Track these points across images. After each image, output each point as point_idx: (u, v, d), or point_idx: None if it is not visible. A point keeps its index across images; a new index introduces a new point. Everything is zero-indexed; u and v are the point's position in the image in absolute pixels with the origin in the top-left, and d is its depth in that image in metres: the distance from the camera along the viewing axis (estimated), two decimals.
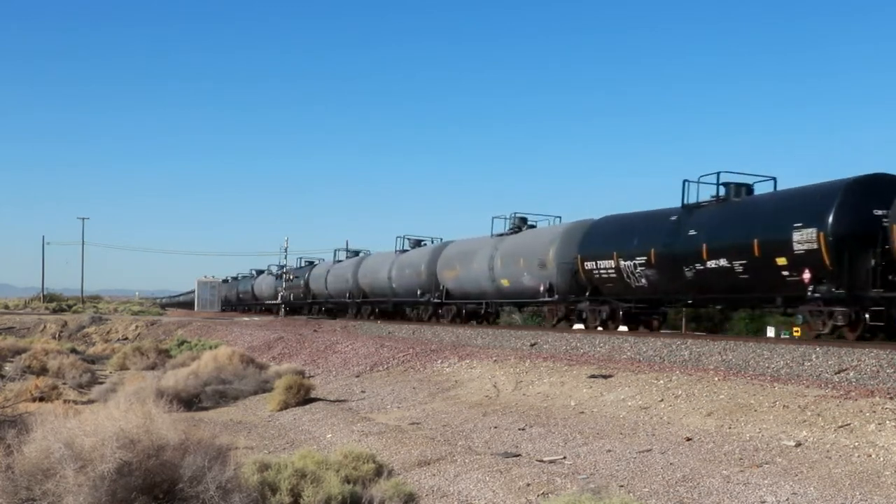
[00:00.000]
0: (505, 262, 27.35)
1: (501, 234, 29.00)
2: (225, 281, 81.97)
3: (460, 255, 30.95)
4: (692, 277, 19.48)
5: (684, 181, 20.54)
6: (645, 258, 20.84)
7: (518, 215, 29.24)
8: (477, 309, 30.92)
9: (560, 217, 28.54)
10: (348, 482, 7.42)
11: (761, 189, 20.23)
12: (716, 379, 11.79)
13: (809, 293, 16.58)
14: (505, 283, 27.37)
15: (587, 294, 23.40)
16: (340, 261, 46.46)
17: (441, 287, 32.00)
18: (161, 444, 6.42)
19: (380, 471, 8.20)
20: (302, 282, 49.96)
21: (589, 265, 22.91)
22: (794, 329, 23.69)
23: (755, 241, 17.62)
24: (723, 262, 18.46)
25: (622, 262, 21.61)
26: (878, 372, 11.75)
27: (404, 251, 37.32)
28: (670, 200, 24.64)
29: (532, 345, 19.43)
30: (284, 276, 53.16)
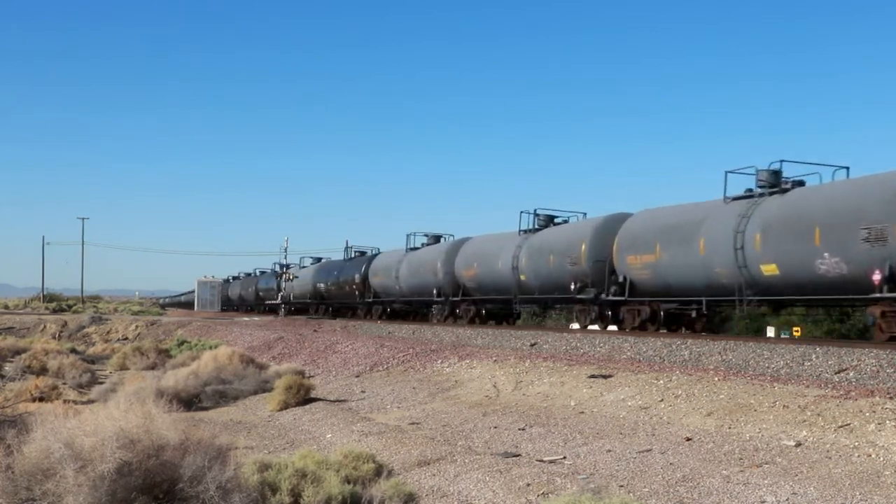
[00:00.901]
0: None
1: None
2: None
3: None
4: None
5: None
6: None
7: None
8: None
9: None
10: (348, 482, 7.42)
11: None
12: (716, 379, 11.79)
13: None
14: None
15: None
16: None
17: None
18: (161, 444, 6.42)
19: (380, 471, 8.20)
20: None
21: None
22: (794, 329, 23.70)
23: None
24: None
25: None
26: (878, 372, 11.75)
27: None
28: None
29: (532, 345, 19.43)
30: (286, 275, 53.11)
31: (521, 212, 27.08)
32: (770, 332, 25.67)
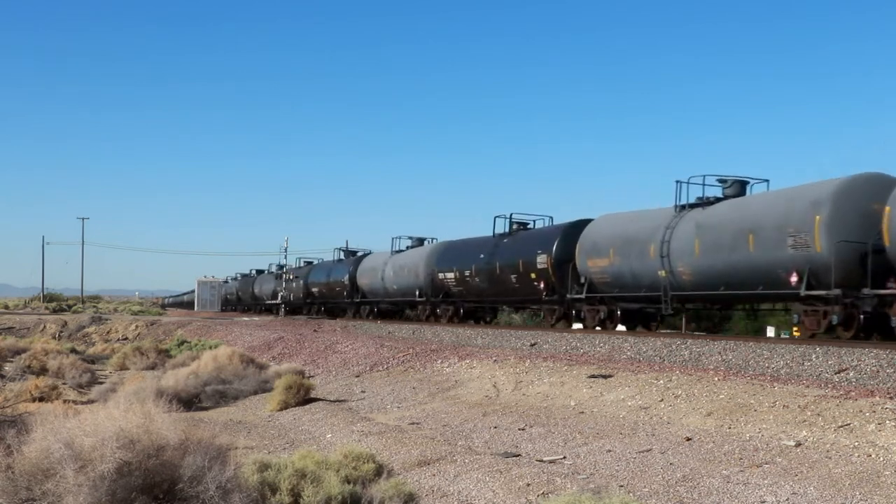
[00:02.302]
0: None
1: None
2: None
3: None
4: None
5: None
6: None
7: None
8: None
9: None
10: (348, 482, 7.41)
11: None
12: (716, 379, 11.79)
13: None
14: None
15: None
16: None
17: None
18: (161, 444, 6.42)
19: (380, 471, 8.20)
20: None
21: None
22: (794, 329, 23.70)
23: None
24: None
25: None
26: (878, 372, 11.75)
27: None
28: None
29: (532, 345, 19.44)
30: (285, 275, 53.10)
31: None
32: (770, 331, 25.66)
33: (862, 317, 16.27)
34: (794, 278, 17.17)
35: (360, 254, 45.49)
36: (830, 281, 16.13)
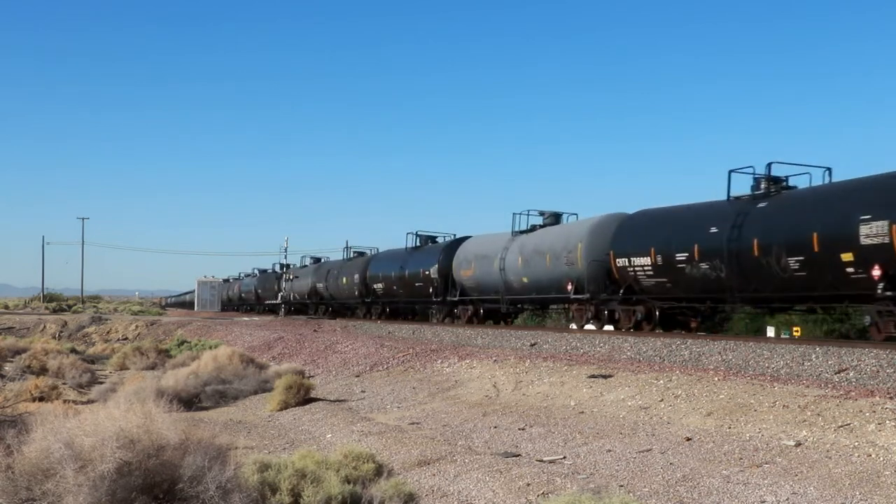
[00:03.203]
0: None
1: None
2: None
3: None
4: None
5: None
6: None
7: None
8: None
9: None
10: (348, 482, 7.41)
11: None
12: (716, 379, 11.79)
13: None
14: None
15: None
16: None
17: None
18: (161, 443, 6.42)
19: (380, 471, 8.20)
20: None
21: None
22: (794, 329, 23.69)
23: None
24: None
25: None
26: (878, 372, 11.75)
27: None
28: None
29: (532, 345, 19.44)
30: (285, 275, 53.05)
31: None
32: (770, 331, 25.65)
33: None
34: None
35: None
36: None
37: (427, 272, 32.58)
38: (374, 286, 38.01)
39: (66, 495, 6.03)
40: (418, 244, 35.45)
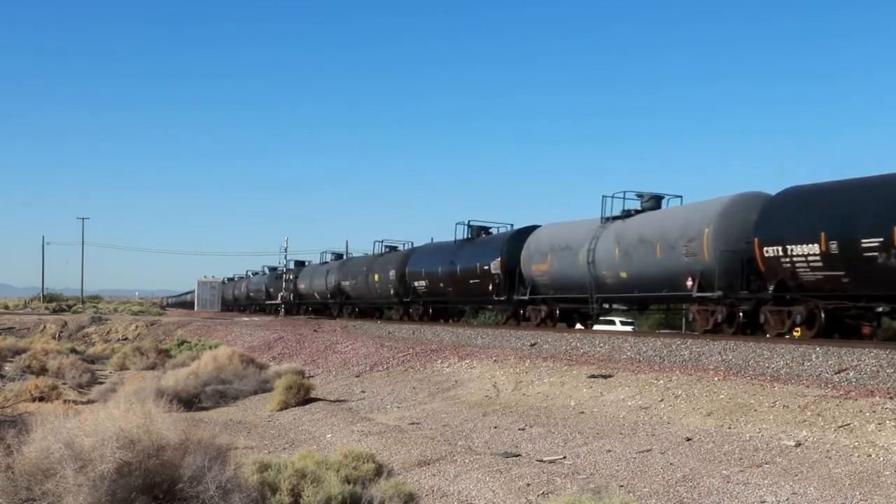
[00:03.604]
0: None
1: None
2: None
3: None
4: None
5: None
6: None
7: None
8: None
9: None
10: (348, 482, 7.41)
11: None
12: (716, 379, 11.79)
13: None
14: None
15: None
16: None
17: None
18: (161, 444, 6.42)
19: (380, 471, 8.20)
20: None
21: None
22: (794, 329, 23.66)
23: None
24: None
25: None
26: (878, 372, 11.75)
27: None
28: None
29: (532, 345, 19.44)
30: (285, 275, 53.01)
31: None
32: None
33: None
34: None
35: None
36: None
37: (486, 267, 27.96)
38: (415, 284, 33.36)
39: (66, 495, 6.03)
40: (470, 235, 30.81)
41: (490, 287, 27.88)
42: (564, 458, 9.35)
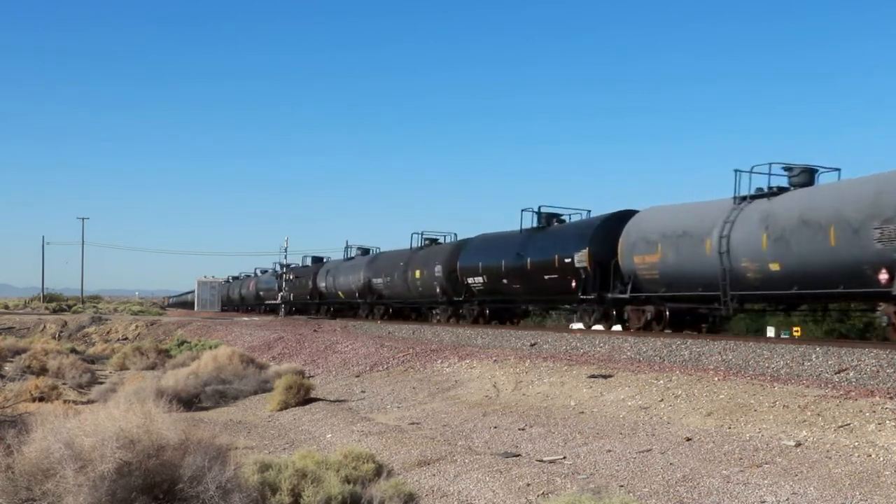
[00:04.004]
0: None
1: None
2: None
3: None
4: None
5: None
6: None
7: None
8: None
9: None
10: (348, 482, 7.41)
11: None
12: (716, 379, 11.79)
13: None
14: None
15: None
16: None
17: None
18: (161, 444, 6.42)
19: (380, 471, 8.20)
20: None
21: None
22: (794, 329, 23.66)
23: None
24: None
25: None
26: (878, 372, 11.75)
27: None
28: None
29: (532, 345, 19.43)
30: (285, 275, 52.91)
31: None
32: (770, 332, 25.62)
33: None
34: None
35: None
36: None
37: (567, 260, 23.31)
38: (469, 281, 28.94)
39: (66, 495, 6.03)
40: (540, 223, 26.51)
41: (573, 283, 23.02)
42: (564, 458, 9.35)
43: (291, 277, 51.91)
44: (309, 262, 52.67)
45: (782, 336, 22.62)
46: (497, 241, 28.44)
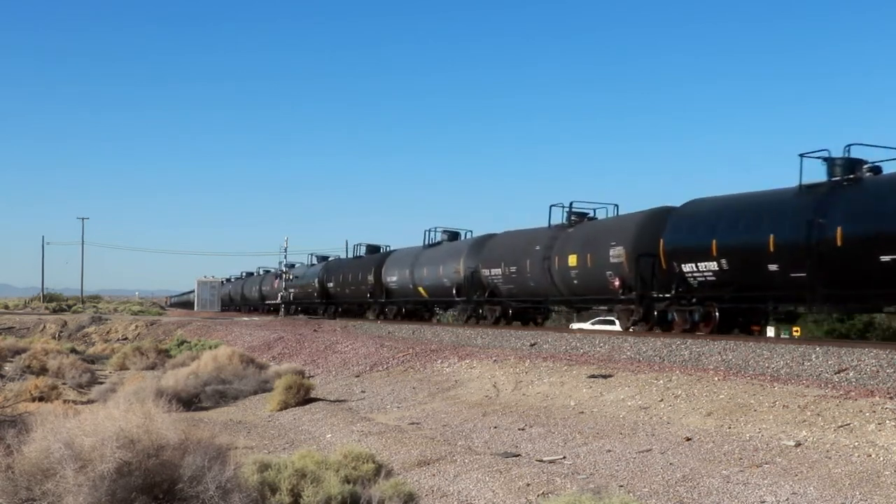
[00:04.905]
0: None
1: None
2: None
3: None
4: None
5: None
6: None
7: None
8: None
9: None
10: (348, 482, 7.41)
11: None
12: (716, 379, 11.79)
13: None
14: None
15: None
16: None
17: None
18: (161, 443, 6.42)
19: (379, 471, 8.20)
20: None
21: None
22: (794, 329, 23.68)
23: None
24: None
25: None
26: (878, 372, 11.75)
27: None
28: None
29: (532, 345, 19.43)
30: (284, 275, 52.87)
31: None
32: (770, 331, 25.61)
33: None
34: None
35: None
36: None
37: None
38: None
39: (66, 495, 6.03)
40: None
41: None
42: (564, 458, 9.34)
43: (291, 277, 51.56)
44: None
45: (782, 336, 22.63)
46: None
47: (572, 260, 23.16)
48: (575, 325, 26.29)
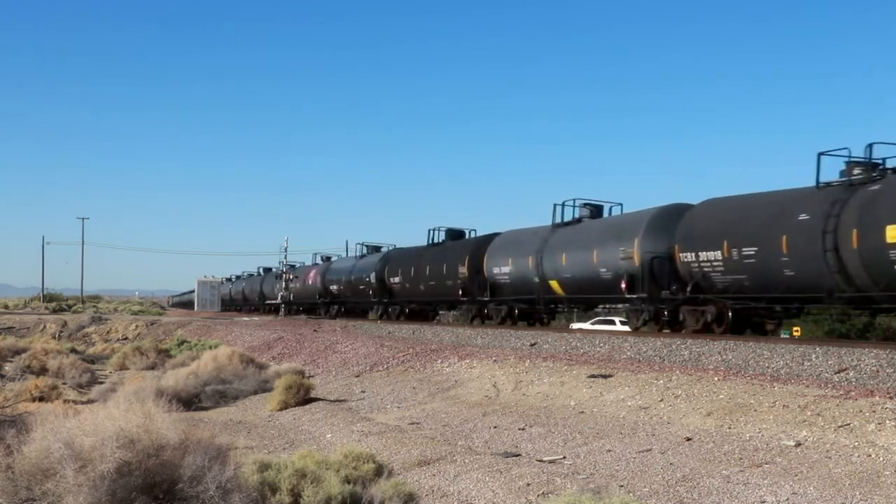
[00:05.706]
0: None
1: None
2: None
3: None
4: None
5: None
6: None
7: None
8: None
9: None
10: (348, 482, 7.41)
11: None
12: (716, 379, 11.79)
13: None
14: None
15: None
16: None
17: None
18: (161, 443, 6.42)
19: (380, 471, 8.20)
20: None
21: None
22: (794, 329, 23.66)
23: None
24: None
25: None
26: (878, 372, 11.75)
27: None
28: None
29: (532, 345, 19.43)
30: (284, 275, 52.87)
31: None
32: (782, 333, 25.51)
33: None
34: None
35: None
36: None
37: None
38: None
39: (66, 495, 6.03)
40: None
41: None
42: (564, 458, 9.35)
43: (291, 277, 51.38)
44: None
45: (782, 336, 22.62)
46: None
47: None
48: (575, 325, 26.35)
